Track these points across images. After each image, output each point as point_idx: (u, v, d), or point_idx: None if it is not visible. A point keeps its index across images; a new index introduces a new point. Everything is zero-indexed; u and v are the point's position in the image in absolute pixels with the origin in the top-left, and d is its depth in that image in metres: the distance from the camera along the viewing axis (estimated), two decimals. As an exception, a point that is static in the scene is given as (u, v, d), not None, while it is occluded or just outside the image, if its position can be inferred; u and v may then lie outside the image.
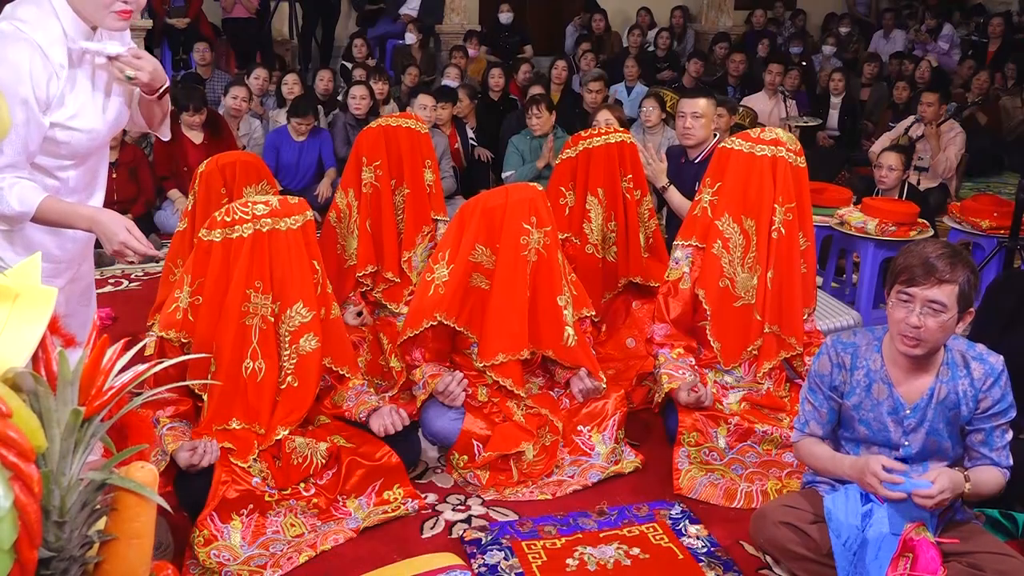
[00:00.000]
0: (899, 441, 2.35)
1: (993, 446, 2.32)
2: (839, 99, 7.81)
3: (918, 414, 2.32)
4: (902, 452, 2.35)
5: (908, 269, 2.21)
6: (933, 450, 2.34)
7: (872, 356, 2.37)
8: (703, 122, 3.98)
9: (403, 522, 2.76)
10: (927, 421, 2.31)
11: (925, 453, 2.34)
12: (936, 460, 2.34)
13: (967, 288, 2.20)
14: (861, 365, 2.37)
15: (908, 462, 2.33)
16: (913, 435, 2.33)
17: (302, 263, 2.70)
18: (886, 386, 2.34)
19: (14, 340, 0.91)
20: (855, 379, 2.38)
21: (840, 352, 2.41)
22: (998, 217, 4.59)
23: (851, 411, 2.40)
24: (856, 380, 2.38)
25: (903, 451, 2.34)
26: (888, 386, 2.34)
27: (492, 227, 2.97)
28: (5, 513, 0.80)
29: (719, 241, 3.10)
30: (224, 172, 3.32)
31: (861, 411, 2.37)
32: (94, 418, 0.95)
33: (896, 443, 2.35)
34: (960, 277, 2.18)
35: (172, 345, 2.69)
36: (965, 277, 2.19)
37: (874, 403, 2.35)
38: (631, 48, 9.38)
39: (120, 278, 4.98)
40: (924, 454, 2.34)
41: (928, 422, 2.31)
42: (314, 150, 6.02)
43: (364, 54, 8.37)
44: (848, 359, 2.39)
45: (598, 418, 3.06)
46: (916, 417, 2.32)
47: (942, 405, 2.30)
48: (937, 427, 2.32)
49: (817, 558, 2.38)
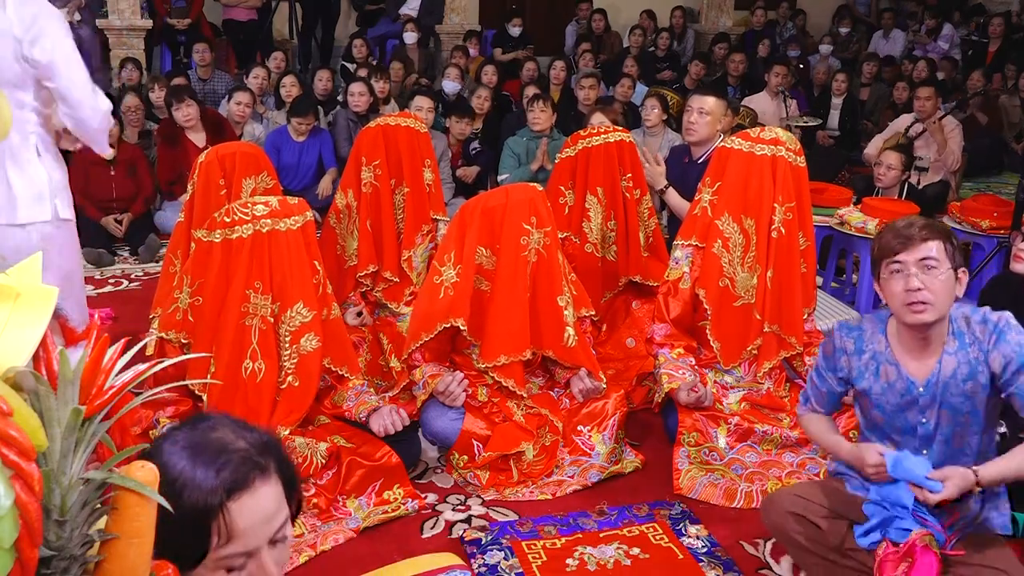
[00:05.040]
0: (916, 420, 2.28)
1: None
2: (840, 99, 7.81)
3: (931, 390, 2.25)
4: (921, 431, 2.29)
5: (888, 243, 2.21)
6: (953, 424, 2.26)
7: (877, 339, 2.33)
8: (708, 120, 3.97)
9: (403, 522, 2.76)
10: (940, 396, 2.24)
11: (946, 430, 2.27)
12: (960, 435, 2.26)
13: (951, 244, 2.19)
14: (867, 348, 2.34)
15: (928, 440, 2.28)
16: (929, 412, 2.27)
17: (302, 263, 2.70)
18: (893, 367, 2.29)
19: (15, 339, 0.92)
20: (861, 362, 2.34)
21: (844, 337, 2.38)
22: (998, 217, 4.58)
23: (864, 397, 2.35)
24: (863, 364, 2.34)
25: (921, 429, 2.28)
26: (895, 367, 2.29)
27: (492, 227, 2.97)
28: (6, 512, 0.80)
29: (719, 241, 3.10)
30: (224, 163, 3.27)
31: (873, 395, 2.32)
32: (95, 417, 0.95)
33: (913, 424, 2.29)
34: (939, 234, 2.19)
35: (172, 345, 2.69)
36: (944, 233, 2.20)
37: (884, 386, 2.30)
38: (632, 48, 9.39)
39: (120, 278, 4.99)
40: (945, 432, 2.27)
41: (942, 397, 2.24)
42: (314, 150, 6.03)
43: (364, 54, 8.37)
44: (852, 344, 2.36)
45: (598, 418, 3.06)
46: (929, 394, 2.25)
47: (954, 378, 2.23)
48: (953, 402, 2.24)
49: (820, 552, 2.36)
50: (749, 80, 8.31)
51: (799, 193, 3.08)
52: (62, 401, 0.92)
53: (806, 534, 2.38)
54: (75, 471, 0.93)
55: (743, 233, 3.08)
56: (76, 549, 0.93)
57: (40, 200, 2.81)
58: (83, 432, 0.94)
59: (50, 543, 0.91)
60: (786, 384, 3.23)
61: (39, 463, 0.86)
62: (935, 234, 2.19)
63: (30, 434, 0.85)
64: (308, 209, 2.76)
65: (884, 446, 2.31)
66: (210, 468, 1.12)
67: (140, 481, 0.97)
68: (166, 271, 3.53)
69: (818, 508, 2.40)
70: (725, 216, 3.10)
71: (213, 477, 1.12)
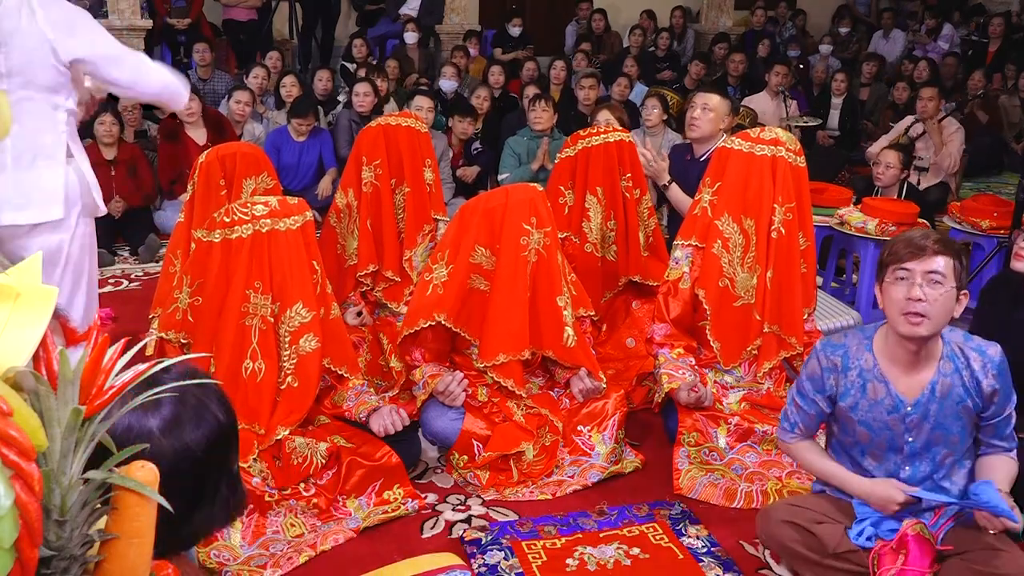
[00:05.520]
0: (902, 439, 2.31)
1: (1003, 435, 2.33)
2: (840, 99, 7.81)
3: (920, 409, 2.28)
4: (907, 450, 2.32)
5: (899, 251, 2.22)
6: (939, 443, 2.31)
7: (863, 355, 2.33)
8: (711, 117, 3.96)
9: (403, 522, 2.76)
10: (931, 416, 2.27)
11: (930, 447, 2.31)
12: (943, 452, 2.31)
13: (960, 264, 2.20)
14: (853, 365, 2.34)
15: (913, 458, 2.31)
16: (916, 431, 2.30)
17: (302, 263, 2.70)
18: (882, 384, 2.30)
19: (15, 339, 0.91)
20: (849, 380, 2.34)
21: (830, 355, 2.37)
22: (998, 217, 4.59)
23: (848, 413, 2.35)
24: (850, 381, 2.34)
25: (907, 448, 2.31)
26: (884, 384, 2.30)
27: (492, 227, 2.97)
28: (6, 512, 0.80)
29: (719, 241, 3.10)
30: (224, 163, 3.27)
31: (859, 412, 2.33)
32: (94, 417, 0.95)
33: (899, 442, 2.32)
34: (951, 251, 2.20)
35: (172, 345, 2.69)
36: (956, 252, 2.21)
37: (871, 403, 2.31)
38: (632, 48, 9.38)
39: (120, 278, 4.98)
40: (929, 448, 2.31)
41: (933, 417, 2.27)
42: (315, 150, 6.03)
43: (364, 54, 8.37)
44: (839, 360, 2.35)
45: (598, 418, 3.06)
46: (918, 413, 2.28)
47: (947, 399, 2.26)
48: (943, 421, 2.28)
49: (818, 558, 2.37)
50: (749, 80, 8.31)
51: (799, 193, 3.08)
52: (62, 401, 0.92)
53: (803, 542, 2.39)
54: (75, 471, 0.93)
55: (743, 233, 3.08)
56: (76, 549, 0.93)
57: (73, 197, 2.90)
58: (83, 432, 0.94)
59: (50, 543, 0.91)
60: (786, 384, 3.22)
61: (39, 463, 0.86)
62: (947, 250, 2.20)
63: (30, 434, 0.85)
64: (308, 209, 2.76)
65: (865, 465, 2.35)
66: None
67: (140, 481, 0.97)
68: (166, 271, 3.53)
69: (811, 514, 2.42)
70: (725, 216, 3.10)
71: None
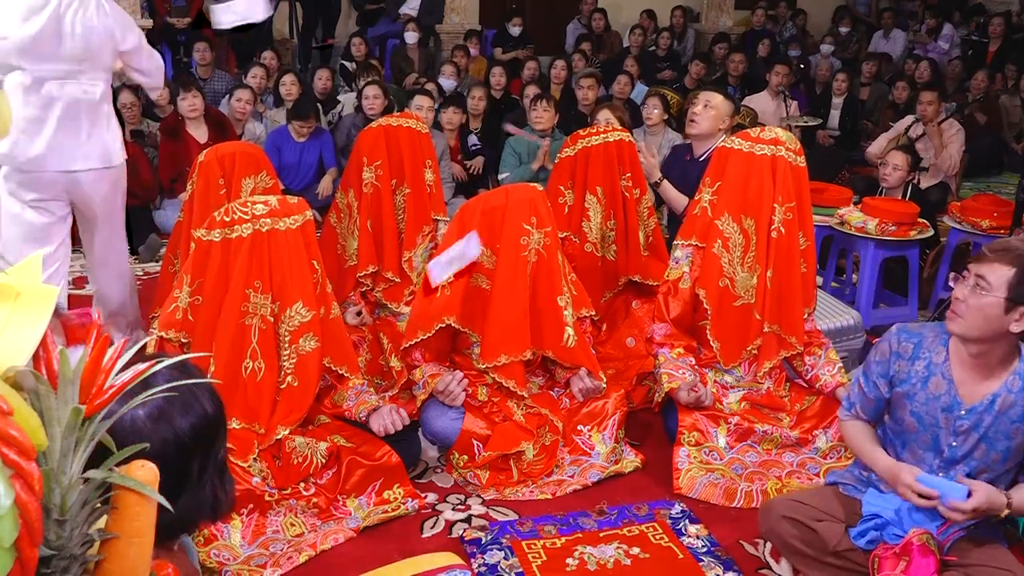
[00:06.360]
0: (946, 442, 2.25)
1: None
2: (841, 99, 7.80)
3: (973, 417, 2.21)
4: (947, 453, 2.26)
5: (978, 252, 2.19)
6: (980, 459, 2.24)
7: (937, 348, 2.28)
8: (712, 114, 3.96)
9: (403, 522, 2.76)
10: (983, 427, 2.21)
11: (969, 459, 2.25)
12: (980, 467, 2.24)
13: (1018, 279, 2.09)
14: (923, 356, 2.29)
15: (950, 465, 2.26)
16: (963, 438, 2.23)
17: (301, 263, 2.70)
18: (946, 382, 2.25)
19: (15, 339, 0.91)
20: (914, 369, 2.29)
21: (903, 340, 2.33)
22: (998, 217, 4.58)
23: (903, 399, 2.30)
24: (915, 370, 2.29)
25: (948, 452, 2.25)
26: (948, 382, 2.24)
27: (492, 228, 2.97)
28: (6, 511, 0.80)
29: (719, 241, 3.10)
30: (223, 162, 3.28)
31: (914, 402, 2.28)
32: (94, 417, 0.95)
33: (942, 444, 2.26)
34: (1010, 262, 2.10)
35: (172, 345, 2.69)
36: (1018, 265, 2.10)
37: (929, 396, 2.26)
38: (632, 48, 9.38)
39: (120, 278, 4.97)
40: (968, 460, 2.25)
41: (984, 428, 2.21)
42: (315, 150, 6.02)
43: (364, 53, 8.37)
44: (910, 348, 2.31)
45: (598, 418, 3.06)
46: (970, 420, 2.22)
47: (1005, 415, 2.19)
48: (992, 436, 2.21)
49: (818, 555, 2.37)
50: (749, 80, 8.31)
51: (799, 193, 3.08)
52: (62, 400, 0.92)
53: (802, 538, 2.39)
54: (75, 470, 0.93)
55: (743, 233, 3.08)
56: (76, 548, 0.93)
57: (118, 146, 3.57)
58: (83, 432, 0.94)
59: (50, 542, 0.91)
60: (786, 384, 3.22)
61: (39, 462, 0.86)
62: (1006, 260, 2.12)
63: (30, 433, 0.85)
64: (308, 208, 2.75)
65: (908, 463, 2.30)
66: None
67: (140, 481, 0.97)
68: (166, 271, 3.54)
69: (813, 511, 2.41)
70: (725, 216, 3.10)
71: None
